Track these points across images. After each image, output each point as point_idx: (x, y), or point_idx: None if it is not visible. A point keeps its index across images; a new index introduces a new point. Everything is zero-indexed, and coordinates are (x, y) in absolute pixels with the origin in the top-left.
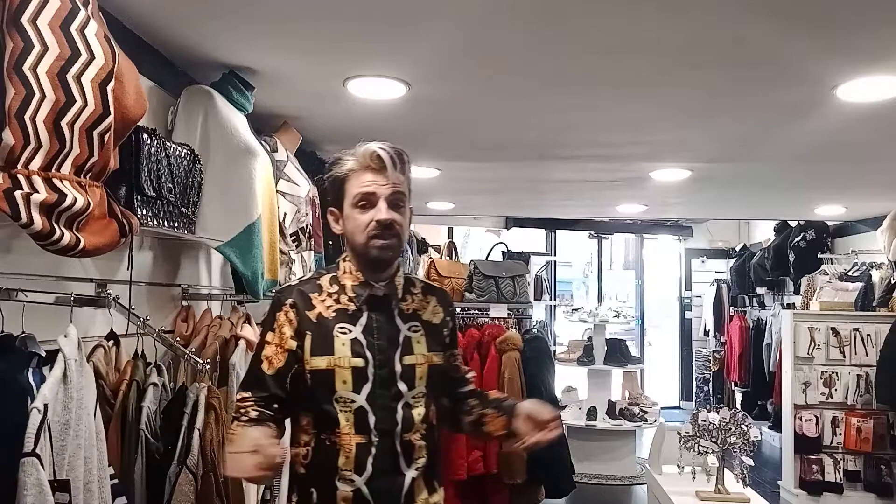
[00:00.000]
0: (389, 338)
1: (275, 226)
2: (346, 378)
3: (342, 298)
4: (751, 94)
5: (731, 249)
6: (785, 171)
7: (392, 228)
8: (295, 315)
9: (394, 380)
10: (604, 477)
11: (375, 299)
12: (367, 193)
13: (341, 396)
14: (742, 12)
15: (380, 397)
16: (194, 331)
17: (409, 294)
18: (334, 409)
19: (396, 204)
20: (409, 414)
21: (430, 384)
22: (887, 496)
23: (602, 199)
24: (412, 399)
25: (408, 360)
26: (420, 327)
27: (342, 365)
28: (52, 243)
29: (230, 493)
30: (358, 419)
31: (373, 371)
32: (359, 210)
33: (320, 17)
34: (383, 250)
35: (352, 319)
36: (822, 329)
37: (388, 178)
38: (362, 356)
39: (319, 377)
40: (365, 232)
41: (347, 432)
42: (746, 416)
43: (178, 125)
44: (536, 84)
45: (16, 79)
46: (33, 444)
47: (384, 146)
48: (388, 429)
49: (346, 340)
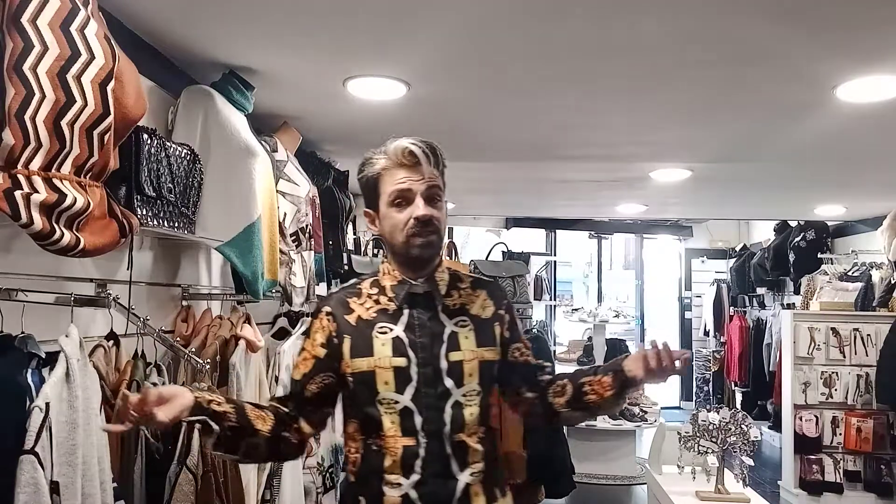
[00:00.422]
0: (433, 334)
1: (275, 226)
2: (388, 379)
3: (382, 299)
4: (751, 94)
5: (731, 249)
6: (785, 171)
7: (431, 224)
8: (330, 321)
9: (440, 377)
10: (604, 477)
11: (416, 297)
12: (402, 190)
13: (384, 398)
14: (742, 12)
15: (426, 396)
16: (194, 331)
17: (454, 289)
18: (378, 411)
19: (433, 199)
20: (460, 413)
21: (484, 381)
22: (887, 496)
23: (602, 199)
24: (462, 397)
25: (454, 356)
26: (468, 322)
27: (383, 365)
28: (52, 243)
29: (230, 493)
30: (403, 420)
31: (416, 370)
32: (395, 209)
33: (320, 17)
34: (424, 248)
35: (392, 319)
36: (822, 329)
37: (422, 173)
38: (404, 355)
39: (361, 380)
40: (404, 231)
41: (393, 434)
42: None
43: (178, 125)
44: (536, 84)
45: (16, 79)
46: (33, 443)
47: (415, 141)
48: (436, 429)
49: (387, 340)
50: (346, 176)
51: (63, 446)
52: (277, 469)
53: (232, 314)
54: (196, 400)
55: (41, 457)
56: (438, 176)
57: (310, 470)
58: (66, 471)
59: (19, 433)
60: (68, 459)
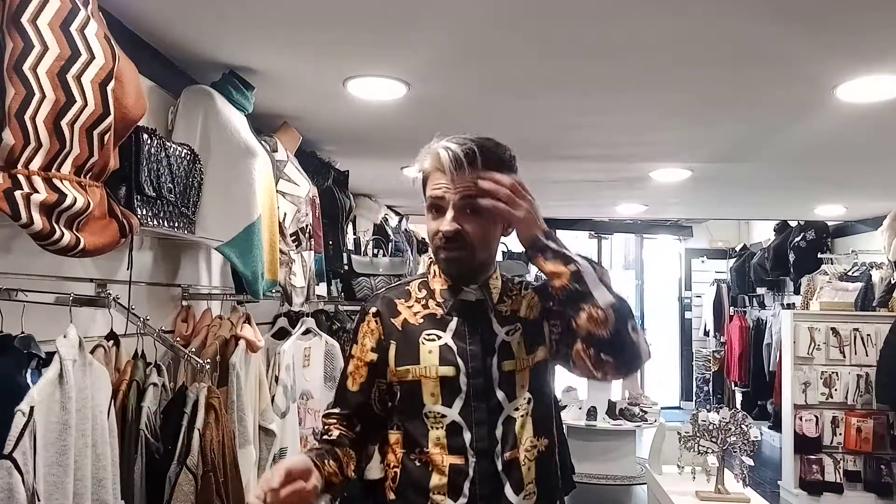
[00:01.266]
0: (485, 343)
1: (275, 226)
2: (434, 390)
3: (430, 303)
4: (751, 94)
5: (731, 249)
6: (785, 171)
7: (457, 240)
8: (377, 324)
9: (492, 390)
10: (604, 477)
11: (467, 304)
12: (434, 198)
13: (431, 411)
14: (742, 12)
15: (476, 411)
16: (194, 331)
17: (507, 295)
18: (424, 425)
19: (468, 209)
20: (511, 429)
21: (534, 386)
22: (887, 496)
23: (602, 199)
24: (514, 412)
25: (507, 365)
26: (519, 327)
27: (429, 375)
28: (52, 243)
29: (230, 493)
30: (451, 437)
31: (466, 381)
32: (430, 215)
33: (320, 17)
34: (449, 264)
35: (441, 325)
36: (822, 329)
37: (458, 179)
38: (453, 364)
39: (406, 389)
40: (433, 242)
41: (439, 452)
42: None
43: (178, 125)
44: (536, 84)
45: (16, 79)
46: (12, 447)
47: (453, 142)
48: (486, 448)
49: (434, 347)
50: (346, 176)
51: (53, 447)
52: None
53: (232, 314)
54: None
55: (20, 462)
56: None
57: None
58: (55, 471)
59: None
60: (58, 460)
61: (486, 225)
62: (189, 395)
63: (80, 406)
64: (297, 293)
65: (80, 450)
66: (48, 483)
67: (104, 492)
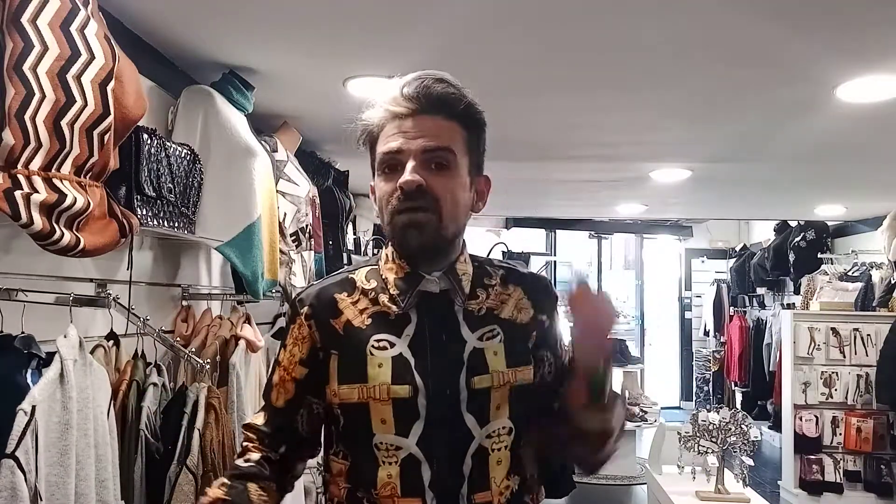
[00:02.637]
0: (451, 352)
1: (275, 226)
2: (386, 416)
3: (381, 298)
4: (751, 94)
5: (731, 249)
6: (785, 171)
7: (420, 197)
8: (311, 329)
9: (458, 415)
10: (604, 477)
11: (429, 298)
12: (390, 152)
13: (382, 442)
14: (742, 12)
15: (437, 442)
16: (194, 331)
17: (480, 287)
18: (374, 458)
19: (437, 163)
20: (484, 464)
21: (515, 414)
22: (887, 496)
23: (602, 199)
24: (487, 440)
25: (478, 382)
26: (498, 332)
27: (378, 397)
28: (52, 243)
29: None
30: (406, 474)
31: (425, 403)
32: (383, 178)
33: (320, 17)
34: (408, 228)
35: (394, 328)
36: (822, 329)
37: (422, 126)
38: (409, 382)
39: (350, 414)
40: (388, 208)
41: (390, 493)
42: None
43: (178, 125)
44: (536, 84)
45: (16, 79)
46: (14, 446)
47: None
48: (450, 487)
49: (385, 359)
50: (346, 176)
51: (54, 447)
52: None
53: (232, 314)
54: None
55: (22, 462)
56: (454, 130)
57: (310, 470)
58: (56, 471)
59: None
60: (59, 460)
61: (456, 185)
62: (189, 395)
63: (80, 406)
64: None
65: (83, 450)
66: (49, 483)
67: (106, 492)
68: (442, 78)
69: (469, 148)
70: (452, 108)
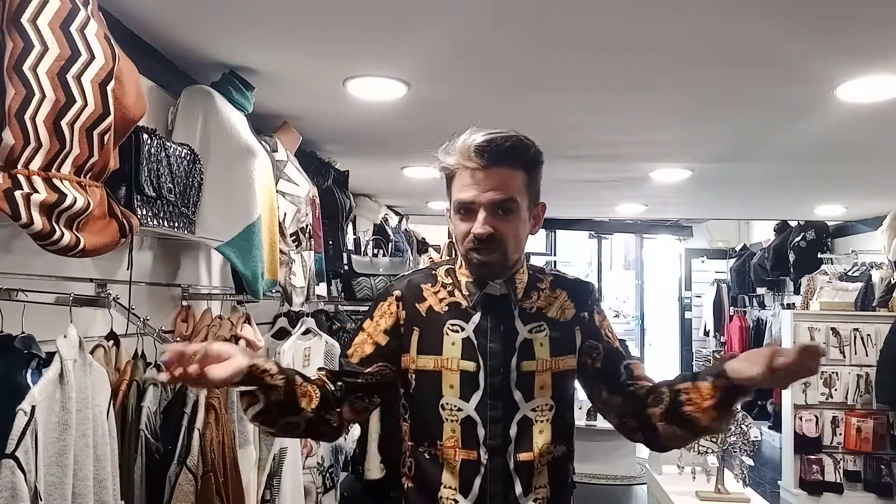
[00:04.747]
0: (505, 341)
1: (275, 226)
2: (454, 382)
3: (457, 293)
4: (751, 94)
5: (731, 249)
6: (785, 171)
7: (492, 242)
8: (399, 308)
9: (508, 389)
10: (604, 477)
11: (491, 299)
12: (463, 202)
13: (447, 403)
14: (742, 12)
15: (492, 409)
16: (194, 331)
17: (533, 290)
18: (440, 416)
19: (501, 210)
20: (528, 430)
21: (558, 395)
22: (887, 496)
23: (602, 199)
24: (532, 412)
25: (526, 366)
26: (545, 327)
27: (450, 367)
28: (52, 243)
29: (230, 493)
30: (465, 431)
31: (484, 377)
32: (458, 216)
33: (320, 17)
34: (482, 267)
35: (464, 316)
36: (822, 329)
37: (491, 179)
38: (474, 359)
39: (425, 379)
40: (464, 244)
41: (452, 445)
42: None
43: (178, 125)
44: (536, 84)
45: (16, 79)
46: (14, 446)
47: (490, 136)
48: (499, 446)
49: (458, 339)
50: (346, 176)
51: (53, 447)
52: (277, 469)
53: (232, 314)
54: (250, 368)
55: (22, 461)
56: (517, 178)
57: (310, 470)
58: (55, 471)
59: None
60: (58, 460)
61: (518, 225)
62: (189, 395)
63: (80, 406)
64: (297, 293)
65: (81, 450)
66: (48, 483)
67: (105, 492)
68: (511, 135)
69: (529, 188)
70: (517, 159)
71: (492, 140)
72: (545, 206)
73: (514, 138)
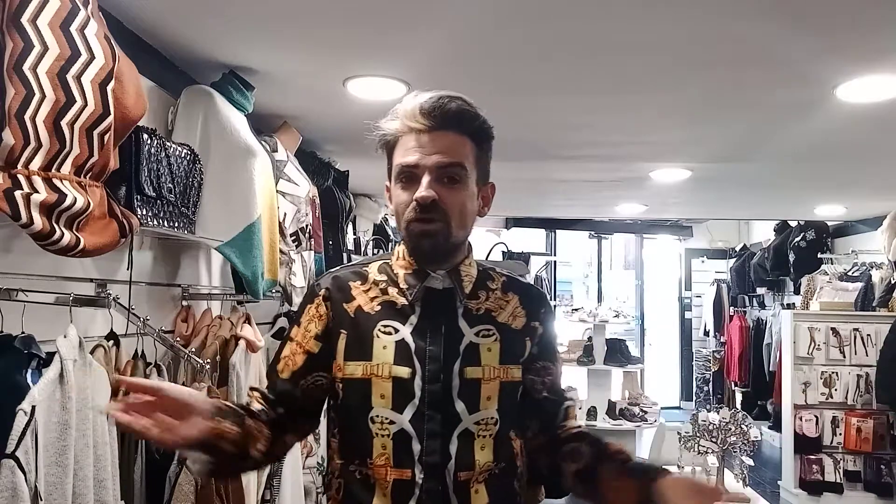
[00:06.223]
0: (448, 343)
1: (275, 226)
2: (385, 392)
3: (391, 290)
4: (751, 94)
5: (731, 249)
6: (785, 171)
7: (434, 209)
8: (327, 309)
9: (449, 399)
10: None
11: (433, 294)
12: (407, 166)
13: (378, 415)
14: (742, 12)
15: (429, 421)
16: (194, 331)
17: (482, 289)
18: (369, 431)
19: (447, 178)
20: (469, 446)
21: (504, 408)
22: (887, 496)
23: (602, 199)
24: (475, 426)
25: (470, 372)
26: (493, 332)
27: (381, 374)
28: (52, 243)
29: (230, 493)
30: (398, 447)
31: (421, 385)
32: (400, 185)
33: (320, 17)
34: (420, 237)
35: (400, 316)
36: (822, 329)
37: (437, 142)
38: (409, 364)
39: (353, 388)
40: (404, 215)
41: (384, 464)
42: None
43: (178, 125)
44: (536, 84)
45: (16, 79)
46: (14, 446)
47: (436, 97)
48: (437, 463)
49: (390, 343)
50: (346, 176)
51: (53, 447)
52: (277, 469)
53: (232, 314)
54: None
55: (22, 461)
56: (466, 146)
57: (310, 470)
58: (55, 471)
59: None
60: (58, 460)
61: (465, 197)
62: None
63: (80, 406)
64: (297, 293)
65: (81, 450)
66: (48, 483)
67: (105, 492)
68: (458, 97)
69: (478, 161)
70: (465, 124)
71: (439, 99)
72: (495, 188)
73: (460, 100)
